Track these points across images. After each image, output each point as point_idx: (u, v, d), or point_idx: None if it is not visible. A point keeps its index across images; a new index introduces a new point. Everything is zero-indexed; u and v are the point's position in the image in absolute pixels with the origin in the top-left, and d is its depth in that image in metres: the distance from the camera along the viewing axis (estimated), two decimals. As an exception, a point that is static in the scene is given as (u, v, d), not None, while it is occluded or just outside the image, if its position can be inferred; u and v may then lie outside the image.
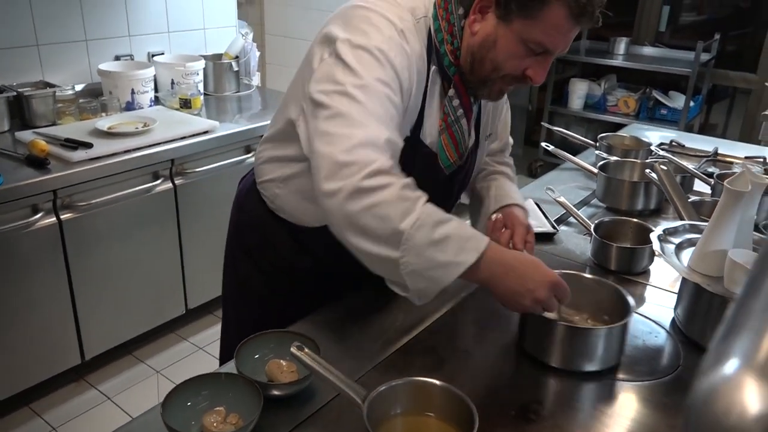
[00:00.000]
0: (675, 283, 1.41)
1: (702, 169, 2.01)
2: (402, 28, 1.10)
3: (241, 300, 1.46)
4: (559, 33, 1.07)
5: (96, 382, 2.50)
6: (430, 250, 0.97)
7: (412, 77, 1.11)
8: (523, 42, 1.08)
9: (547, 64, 1.12)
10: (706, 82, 4.30)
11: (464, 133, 1.23)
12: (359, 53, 1.04)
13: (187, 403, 0.97)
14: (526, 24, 1.06)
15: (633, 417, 1.03)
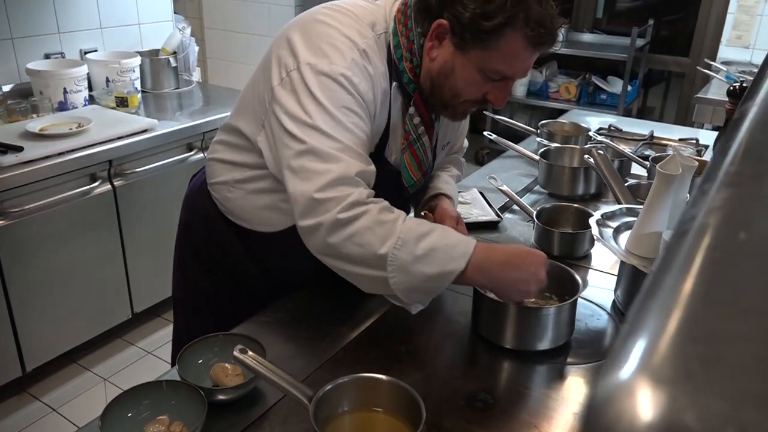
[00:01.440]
0: (615, 266, 1.45)
1: (639, 152, 2.06)
2: (364, 47, 1.08)
3: (189, 302, 1.43)
4: (517, 60, 1.06)
5: (39, 394, 2.41)
6: (417, 265, 1.00)
7: (377, 98, 1.10)
8: (481, 70, 1.07)
9: (508, 87, 1.12)
10: (642, 66, 4.42)
11: (426, 151, 1.22)
12: (324, 81, 1.03)
13: (127, 414, 0.94)
14: (484, 54, 1.05)
15: (577, 400, 1.05)
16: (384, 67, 1.12)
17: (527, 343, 1.13)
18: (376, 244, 0.99)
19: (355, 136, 1.04)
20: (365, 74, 1.07)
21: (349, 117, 1.04)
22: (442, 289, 1.06)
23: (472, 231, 1.60)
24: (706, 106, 3.26)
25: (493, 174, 1.83)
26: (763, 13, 3.74)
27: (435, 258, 1.00)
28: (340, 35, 1.07)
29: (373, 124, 1.11)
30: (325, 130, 1.02)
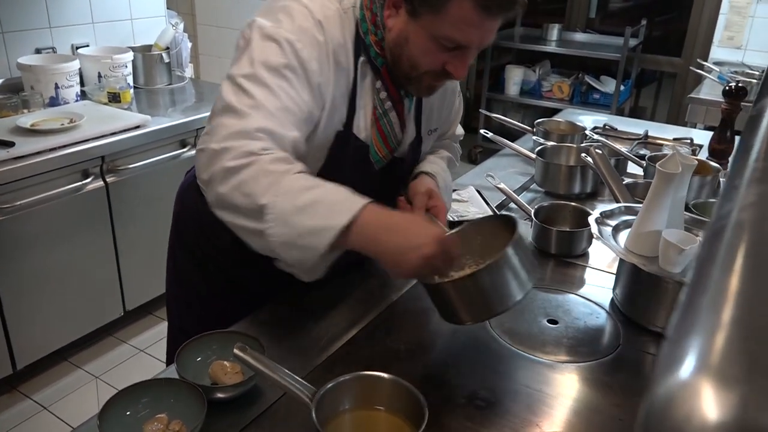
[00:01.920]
0: (612, 264, 1.45)
1: (634, 151, 2.07)
2: (321, 18, 1.07)
3: (183, 297, 1.42)
4: (469, 27, 1.01)
5: (30, 392, 2.39)
6: (297, 216, 0.94)
7: (326, 69, 1.07)
8: (434, 38, 1.04)
9: (466, 58, 1.07)
10: (634, 66, 4.44)
11: (393, 127, 1.20)
12: (265, 43, 1.03)
13: (126, 413, 0.93)
14: (434, 19, 1.02)
15: (577, 398, 1.05)
16: (346, 39, 1.10)
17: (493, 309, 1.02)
18: (260, 193, 0.95)
19: (276, 98, 1.01)
20: (313, 42, 1.05)
21: (277, 80, 1.02)
22: (323, 249, 0.94)
23: (470, 229, 1.60)
24: (699, 106, 3.27)
25: (490, 172, 1.82)
26: (755, 14, 3.76)
27: (317, 211, 0.94)
28: (299, 5, 1.07)
29: (318, 94, 1.07)
30: (246, 88, 1.01)
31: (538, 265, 1.35)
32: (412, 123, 1.27)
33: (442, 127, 1.41)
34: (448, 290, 1.02)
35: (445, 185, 1.32)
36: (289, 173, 0.97)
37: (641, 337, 1.20)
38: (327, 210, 0.95)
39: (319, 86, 1.07)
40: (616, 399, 1.05)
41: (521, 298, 1.02)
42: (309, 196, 0.95)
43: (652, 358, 1.16)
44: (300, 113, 1.05)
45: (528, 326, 1.22)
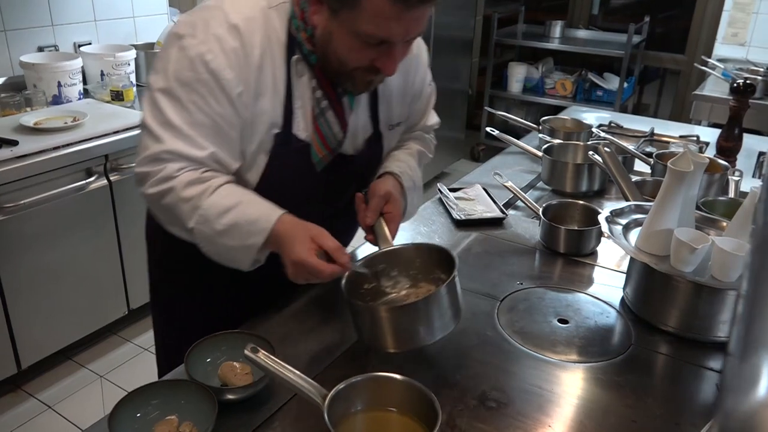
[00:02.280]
0: (621, 263, 1.44)
1: (640, 149, 2.06)
2: (238, 22, 1.03)
3: (163, 311, 1.40)
4: (388, 20, 0.96)
5: (35, 391, 2.38)
6: (220, 239, 1.05)
7: (246, 74, 1.04)
8: (356, 34, 1.00)
9: (393, 53, 1.02)
10: (638, 63, 4.43)
11: (331, 127, 1.15)
12: (179, 55, 1.03)
13: (136, 415, 0.92)
14: (351, 15, 0.98)
15: (589, 398, 1.05)
16: (276, 37, 1.07)
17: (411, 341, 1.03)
18: (185, 218, 1.05)
19: (188, 114, 1.03)
20: (226, 51, 1.02)
21: (189, 95, 1.03)
22: (249, 262, 1.07)
23: (477, 227, 1.59)
24: (704, 103, 3.26)
25: (496, 170, 1.81)
26: (758, 11, 3.75)
27: (236, 233, 1.04)
28: (218, 8, 1.05)
29: (241, 103, 1.05)
30: (160, 105, 1.04)
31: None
32: (362, 119, 1.22)
33: (411, 120, 1.36)
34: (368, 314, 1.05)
35: (412, 184, 1.28)
36: (205, 194, 1.04)
37: (653, 337, 1.19)
38: (244, 231, 1.04)
39: (240, 95, 1.05)
40: (628, 400, 1.04)
41: (437, 339, 1.04)
42: (227, 219, 1.04)
43: (664, 359, 1.15)
44: (215, 127, 1.05)
45: (538, 326, 1.21)
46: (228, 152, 1.08)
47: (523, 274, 1.40)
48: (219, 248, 1.07)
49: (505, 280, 1.37)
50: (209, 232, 1.05)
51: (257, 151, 1.12)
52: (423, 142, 1.42)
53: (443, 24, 3.83)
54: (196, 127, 1.04)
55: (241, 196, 1.07)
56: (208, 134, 1.05)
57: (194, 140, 1.04)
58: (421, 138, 1.43)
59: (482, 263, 1.44)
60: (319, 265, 1.01)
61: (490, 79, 4.59)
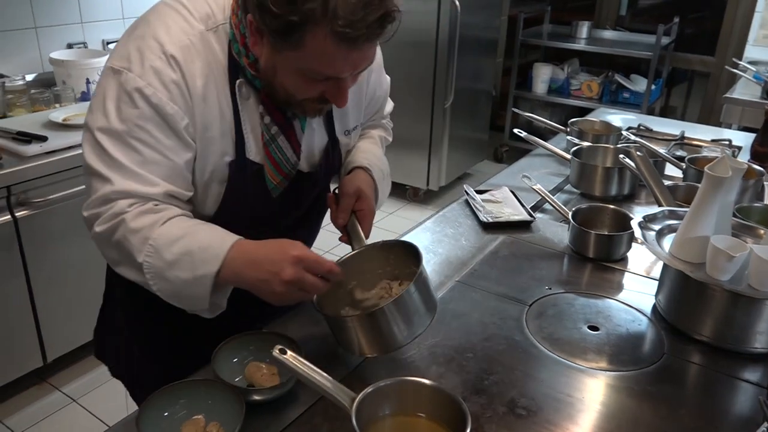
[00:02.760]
0: (652, 269, 1.41)
1: (671, 152, 2.02)
2: (174, 51, 0.97)
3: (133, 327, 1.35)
4: (333, 60, 0.92)
5: (60, 384, 2.41)
6: (171, 271, 0.96)
7: (189, 106, 0.99)
8: (301, 71, 0.95)
9: (344, 86, 0.98)
10: (666, 65, 4.36)
11: (284, 152, 1.10)
12: (118, 92, 0.97)
13: (163, 414, 0.92)
14: (296, 54, 0.92)
15: (619, 408, 1.02)
16: (216, 63, 1.01)
17: (390, 345, 1.02)
18: (135, 252, 0.97)
19: (135, 153, 0.97)
20: (166, 83, 0.96)
21: (133, 133, 0.96)
22: (206, 296, 0.97)
23: (504, 230, 1.57)
24: (734, 107, 3.20)
25: (525, 173, 1.79)
26: (793, 12, 3.67)
27: (187, 262, 0.96)
28: (151, 38, 0.98)
29: (188, 134, 1.00)
30: (104, 146, 0.97)
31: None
32: (317, 133, 1.18)
33: (369, 115, 1.35)
34: (337, 323, 1.04)
35: (382, 175, 1.27)
36: (157, 225, 0.97)
37: (686, 347, 1.16)
38: (196, 260, 0.96)
39: (186, 127, 1.00)
40: (661, 411, 1.02)
41: (420, 333, 1.03)
42: (178, 247, 0.96)
43: (698, 369, 1.13)
44: (164, 161, 0.99)
45: (568, 332, 1.19)
46: (181, 185, 1.03)
47: (552, 278, 1.38)
48: (172, 284, 0.97)
49: (533, 285, 1.35)
50: (160, 265, 0.96)
51: (210, 181, 1.07)
52: (383, 129, 1.44)
53: (468, 24, 3.81)
54: (145, 165, 0.98)
55: (193, 226, 1.00)
56: (158, 170, 0.99)
57: (145, 178, 0.98)
58: (380, 125, 1.43)
59: (509, 267, 1.42)
60: (317, 283, 0.97)
61: (515, 80, 4.55)
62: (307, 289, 0.97)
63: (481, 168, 4.54)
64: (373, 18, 0.87)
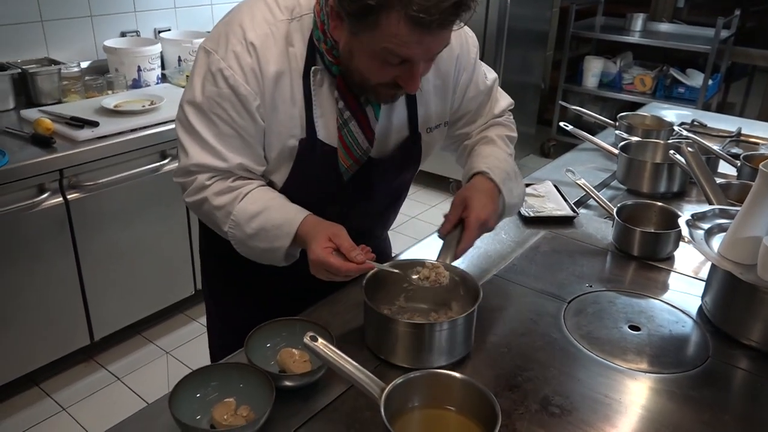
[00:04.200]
0: (700, 270, 1.36)
1: (726, 149, 1.94)
2: (254, 39, 1.05)
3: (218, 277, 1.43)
4: (408, 43, 0.94)
5: (106, 363, 2.49)
6: (251, 242, 1.12)
7: (262, 89, 1.07)
8: (375, 54, 0.98)
9: (416, 71, 1.01)
10: (725, 59, 4.19)
11: (356, 137, 1.14)
12: (204, 70, 1.07)
13: (196, 395, 0.93)
14: (371, 36, 0.96)
15: (660, 411, 0.99)
16: (294, 50, 1.08)
17: (415, 360, 1.03)
18: (220, 223, 1.14)
19: (214, 126, 1.08)
20: (244, 67, 1.05)
21: (213, 108, 1.07)
22: (281, 262, 1.13)
23: (546, 225, 1.54)
24: (797, 103, 3.04)
25: (568, 167, 1.75)
26: None
27: (264, 236, 1.10)
28: (237, 24, 1.07)
29: (260, 116, 1.08)
30: (189, 118, 1.10)
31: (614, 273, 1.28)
32: (397, 123, 1.20)
33: (469, 116, 1.34)
34: (382, 322, 1.05)
35: (506, 175, 1.24)
36: (236, 201, 1.11)
37: (733, 351, 1.11)
38: (272, 235, 1.10)
39: (258, 107, 1.08)
40: (703, 416, 0.98)
41: (449, 362, 1.05)
42: (256, 223, 1.10)
43: (744, 374, 1.08)
44: (238, 138, 1.10)
45: (608, 331, 1.16)
46: (253, 160, 1.13)
47: (593, 276, 1.34)
48: (251, 250, 1.14)
49: (573, 282, 1.31)
50: (241, 236, 1.12)
51: (278, 159, 1.15)
52: (502, 126, 1.38)
53: (518, 15, 3.74)
54: (221, 139, 1.09)
55: (268, 201, 1.12)
56: (232, 145, 1.10)
57: (219, 152, 1.10)
58: (498, 123, 1.38)
59: (550, 263, 1.39)
60: (336, 263, 1.03)
61: (564, 73, 4.45)
62: (331, 272, 1.04)
63: (526, 162, 4.46)
64: (447, 4, 0.90)
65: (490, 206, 1.18)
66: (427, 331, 1.03)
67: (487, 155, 1.27)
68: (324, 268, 1.04)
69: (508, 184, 1.23)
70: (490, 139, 1.32)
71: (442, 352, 1.04)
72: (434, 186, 4.15)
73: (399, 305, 1.16)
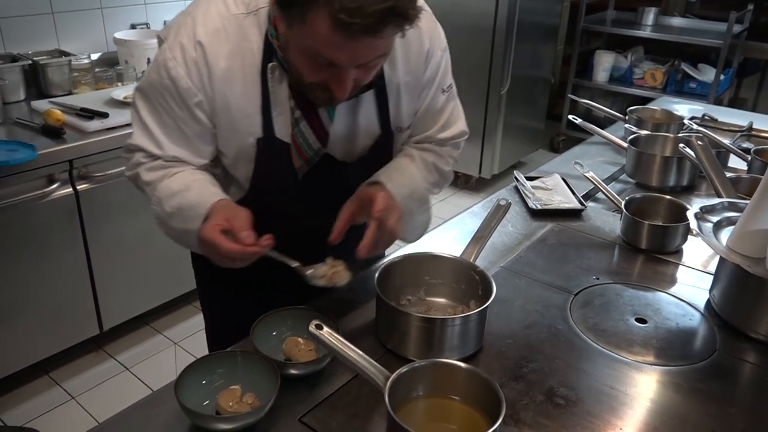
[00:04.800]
0: (709, 263, 1.35)
1: (736, 144, 1.92)
2: (202, 36, 1.01)
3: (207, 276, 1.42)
4: (331, 45, 0.87)
5: (114, 353, 2.51)
6: (170, 221, 1.09)
7: (207, 84, 1.03)
8: (304, 50, 0.92)
9: (343, 77, 0.93)
10: (737, 54, 4.15)
11: (306, 138, 1.10)
12: (155, 62, 1.05)
13: (201, 382, 0.94)
14: (300, 30, 0.90)
15: (665, 404, 0.98)
16: (248, 45, 1.03)
17: (426, 353, 1.02)
18: (148, 197, 1.12)
19: (156, 115, 1.08)
20: (187, 61, 1.01)
21: (156, 96, 1.06)
22: (197, 244, 1.06)
23: (554, 218, 1.53)
24: (810, 99, 3.01)
25: (577, 160, 1.74)
26: None
27: (180, 216, 1.06)
28: (190, 16, 1.04)
29: (201, 110, 1.05)
30: (137, 103, 1.10)
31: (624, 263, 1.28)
32: (364, 126, 1.14)
33: (417, 128, 1.23)
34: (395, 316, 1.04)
35: (408, 192, 1.15)
36: (165, 178, 1.09)
37: (741, 344, 1.11)
38: (185, 216, 1.06)
39: (199, 104, 1.04)
40: (710, 409, 0.97)
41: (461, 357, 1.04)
42: (174, 201, 1.07)
43: (752, 368, 1.07)
44: (176, 128, 1.08)
45: (614, 324, 1.15)
46: (191, 153, 1.11)
47: (600, 268, 1.33)
48: (171, 230, 1.11)
49: (580, 274, 1.31)
50: (162, 214, 1.10)
51: (238, 157, 1.12)
52: (433, 155, 1.26)
53: (528, 9, 3.71)
54: (162, 127, 1.08)
55: (190, 183, 1.08)
56: (172, 135, 1.08)
57: (158, 139, 1.09)
58: (431, 151, 1.26)
59: (557, 255, 1.38)
60: (220, 241, 0.98)
61: (575, 68, 4.42)
62: (215, 250, 0.99)
63: (535, 157, 4.44)
64: (372, 9, 0.81)
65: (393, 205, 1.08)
66: (439, 326, 1.02)
67: (391, 168, 1.18)
68: (211, 246, 0.99)
69: (408, 204, 1.15)
70: (410, 156, 1.22)
71: (453, 348, 1.03)
72: (443, 180, 4.14)
73: (419, 297, 1.16)
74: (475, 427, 0.85)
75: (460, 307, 1.14)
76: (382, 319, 1.09)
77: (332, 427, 0.91)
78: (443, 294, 1.17)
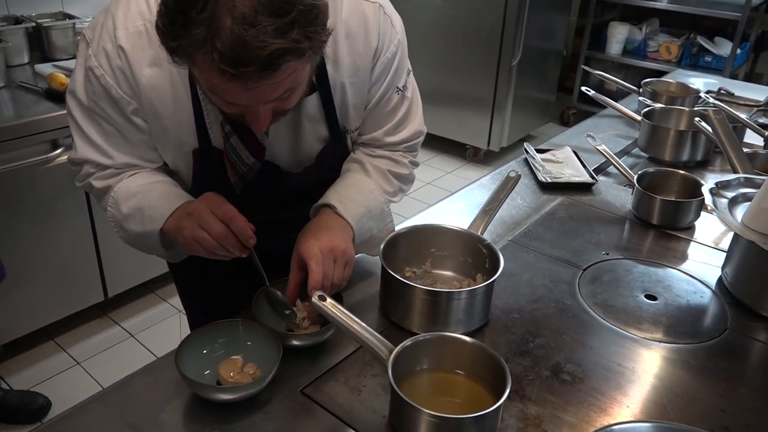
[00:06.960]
0: (722, 240, 1.32)
1: (753, 119, 1.88)
2: (122, 41, 0.93)
3: None
4: (227, 91, 0.79)
5: (119, 319, 2.52)
6: (126, 223, 1.04)
7: (137, 94, 0.96)
8: (208, 89, 0.84)
9: (257, 114, 0.85)
10: (755, 28, 4.05)
11: (238, 153, 1.02)
12: (81, 63, 0.98)
13: (202, 351, 0.93)
14: (196, 72, 0.82)
15: (674, 381, 0.97)
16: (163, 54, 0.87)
17: (431, 326, 1.00)
18: (101, 203, 1.07)
19: (95, 123, 1.01)
20: (114, 69, 0.94)
21: (93, 106, 0.99)
22: (159, 249, 1.05)
23: (564, 192, 1.50)
24: (830, 74, 2.94)
25: (589, 132, 1.70)
26: None
27: (138, 217, 1.01)
28: (111, 16, 0.94)
29: (138, 117, 0.99)
30: (73, 112, 1.02)
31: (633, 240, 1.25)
32: (309, 135, 1.07)
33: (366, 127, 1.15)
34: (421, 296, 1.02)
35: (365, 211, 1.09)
36: (120, 183, 1.04)
37: (753, 323, 1.09)
38: (145, 216, 1.01)
39: (135, 111, 0.98)
40: (719, 388, 0.95)
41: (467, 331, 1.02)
42: (132, 203, 1.02)
43: (763, 347, 1.05)
44: (121, 136, 1.02)
45: (623, 300, 1.13)
46: (140, 158, 1.05)
47: (610, 244, 1.31)
48: (128, 234, 1.05)
49: (589, 249, 1.28)
50: (118, 216, 1.04)
51: (176, 165, 1.08)
52: (388, 161, 1.17)
53: (542, -22, 3.63)
54: (105, 137, 1.02)
55: (151, 183, 1.03)
56: (117, 144, 1.03)
57: (104, 150, 1.03)
58: (385, 157, 1.17)
59: (566, 229, 1.36)
60: (212, 220, 0.92)
61: (587, 40, 4.33)
62: (207, 228, 0.92)
63: (545, 130, 4.38)
64: (254, 55, 0.72)
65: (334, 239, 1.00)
66: (445, 299, 1.01)
67: (348, 185, 1.11)
68: (196, 220, 0.92)
69: (365, 223, 1.09)
70: (362, 166, 1.14)
71: (458, 322, 1.02)
72: (451, 152, 4.11)
73: (425, 269, 1.15)
74: (480, 402, 0.84)
75: (467, 281, 1.12)
76: (386, 292, 1.07)
77: (334, 399, 0.90)
78: (449, 267, 1.14)
